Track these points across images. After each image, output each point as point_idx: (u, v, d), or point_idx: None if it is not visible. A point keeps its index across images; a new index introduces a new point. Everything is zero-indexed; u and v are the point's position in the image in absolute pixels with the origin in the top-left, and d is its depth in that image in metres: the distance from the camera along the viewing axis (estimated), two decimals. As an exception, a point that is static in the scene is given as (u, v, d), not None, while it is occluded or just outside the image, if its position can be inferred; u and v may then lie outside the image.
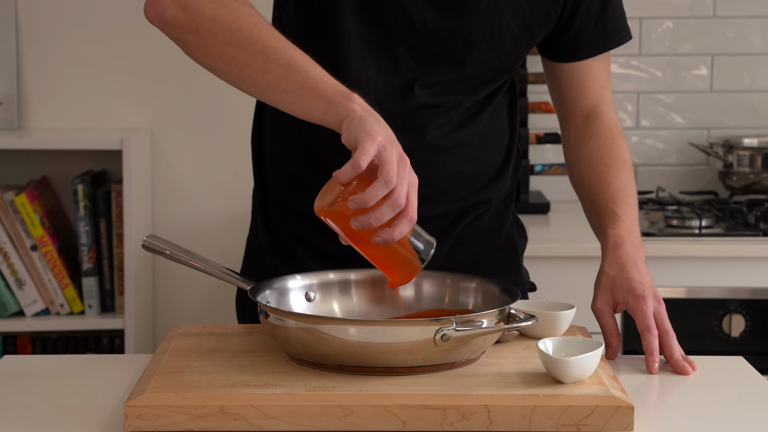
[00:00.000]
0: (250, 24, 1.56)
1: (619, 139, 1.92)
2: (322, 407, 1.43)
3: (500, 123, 1.92)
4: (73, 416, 1.51)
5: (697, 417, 1.53)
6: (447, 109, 1.83)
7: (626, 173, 1.89)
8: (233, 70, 1.59)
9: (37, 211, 3.09)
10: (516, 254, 1.99)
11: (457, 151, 1.85)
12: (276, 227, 1.93)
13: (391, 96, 1.80)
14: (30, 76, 3.31)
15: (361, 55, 1.79)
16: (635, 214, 1.86)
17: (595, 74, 1.92)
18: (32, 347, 3.17)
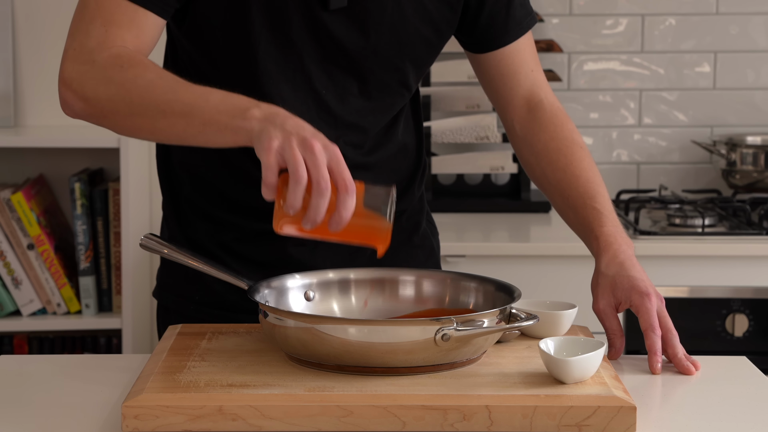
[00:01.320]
0: (139, 89, 1.61)
1: (568, 124, 1.92)
2: (322, 408, 1.43)
3: (410, 128, 1.94)
4: (71, 417, 1.51)
5: (700, 417, 1.53)
6: (366, 126, 1.84)
7: (588, 160, 1.89)
8: (148, 135, 1.65)
9: (34, 210, 3.09)
10: (433, 250, 2.02)
11: (380, 167, 1.87)
12: (197, 236, 1.89)
13: (308, 117, 1.78)
14: (26, 73, 3.31)
15: (274, 77, 1.77)
16: (611, 206, 1.86)
17: (521, 59, 1.92)
18: (29, 347, 3.17)
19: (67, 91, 1.69)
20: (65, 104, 1.71)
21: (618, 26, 3.42)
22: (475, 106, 3.26)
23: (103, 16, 1.69)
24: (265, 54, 1.76)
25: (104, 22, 1.69)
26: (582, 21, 3.41)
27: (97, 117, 1.68)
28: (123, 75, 1.63)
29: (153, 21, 1.71)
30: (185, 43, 1.81)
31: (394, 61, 1.81)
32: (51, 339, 3.18)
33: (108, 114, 1.66)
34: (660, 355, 1.70)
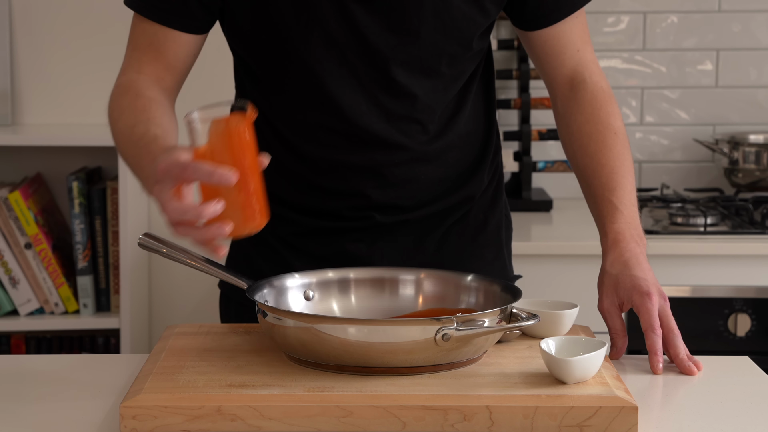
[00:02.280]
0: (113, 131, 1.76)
1: (607, 106, 1.89)
2: (321, 408, 1.43)
3: (478, 118, 1.92)
4: (68, 417, 1.51)
5: (702, 418, 1.53)
6: (423, 116, 1.83)
7: (619, 147, 1.86)
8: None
9: (31, 209, 3.09)
10: (501, 250, 1.98)
11: (439, 158, 1.86)
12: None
13: (360, 113, 1.80)
14: (24, 70, 3.31)
15: (320, 72, 1.78)
16: (633, 199, 1.83)
17: (568, 38, 1.89)
18: (26, 347, 3.17)
19: None
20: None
21: (620, 24, 3.42)
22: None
23: (134, 40, 1.83)
24: (306, 53, 1.78)
25: (133, 48, 1.83)
26: (583, 18, 3.41)
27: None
28: (109, 108, 1.78)
29: (175, 37, 1.79)
30: (239, 53, 1.87)
31: (440, 45, 1.80)
32: (48, 339, 3.18)
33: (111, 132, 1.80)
34: (660, 356, 1.70)
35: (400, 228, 1.88)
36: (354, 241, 1.86)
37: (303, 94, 1.81)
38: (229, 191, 1.44)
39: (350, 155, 1.82)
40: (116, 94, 1.79)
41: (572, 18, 1.88)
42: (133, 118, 1.71)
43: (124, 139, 1.72)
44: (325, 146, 1.83)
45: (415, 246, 1.89)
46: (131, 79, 1.79)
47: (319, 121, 1.82)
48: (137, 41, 1.82)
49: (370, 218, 1.85)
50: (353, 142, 1.82)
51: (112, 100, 1.79)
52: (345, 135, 1.82)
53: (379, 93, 1.80)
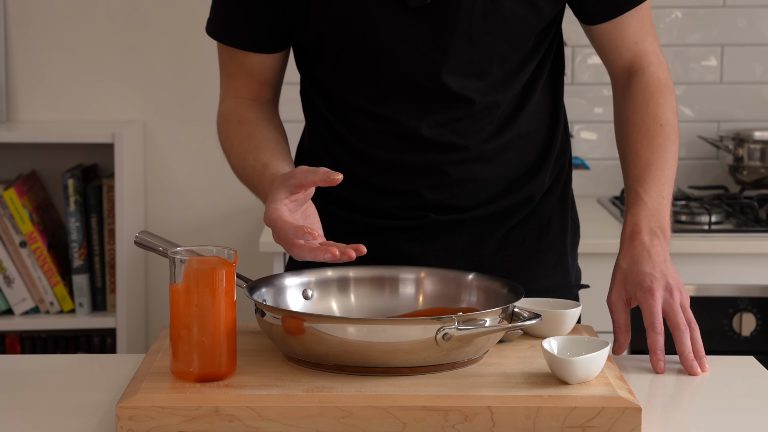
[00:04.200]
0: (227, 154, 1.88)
1: (659, 97, 1.87)
2: (320, 408, 1.43)
3: (541, 117, 1.90)
4: (64, 418, 1.51)
5: (706, 418, 1.53)
6: (478, 117, 1.83)
7: (661, 139, 1.84)
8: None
9: (26, 207, 3.09)
10: (564, 255, 1.96)
11: (498, 158, 1.86)
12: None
13: (412, 116, 1.81)
14: (19, 67, 3.31)
15: (374, 87, 1.81)
16: (663, 191, 1.81)
17: (626, 33, 1.88)
18: (21, 347, 3.17)
19: None
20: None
21: (623, 19, 3.42)
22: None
23: (225, 68, 1.91)
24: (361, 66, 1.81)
25: (226, 74, 1.91)
26: (586, 14, 3.41)
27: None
28: (220, 139, 1.90)
29: (259, 60, 1.87)
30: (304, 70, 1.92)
31: (490, 47, 1.80)
32: (44, 338, 3.18)
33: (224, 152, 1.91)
34: (660, 354, 1.70)
35: (456, 228, 1.87)
36: (409, 241, 1.86)
37: (352, 103, 1.84)
38: (197, 333, 1.50)
39: (404, 155, 1.83)
40: (221, 124, 1.90)
41: (632, 12, 1.87)
42: (242, 149, 1.83)
43: (240, 172, 1.85)
44: (379, 147, 1.84)
45: (472, 247, 1.88)
46: (230, 106, 1.89)
47: (371, 124, 1.84)
48: (228, 68, 1.90)
49: (425, 217, 1.85)
50: (406, 143, 1.83)
51: (220, 132, 1.90)
52: (398, 137, 1.83)
53: (433, 98, 1.81)
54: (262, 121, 1.86)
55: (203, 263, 1.50)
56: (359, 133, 1.85)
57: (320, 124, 1.91)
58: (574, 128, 3.43)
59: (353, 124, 1.85)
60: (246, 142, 1.83)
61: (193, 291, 1.49)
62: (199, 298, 1.49)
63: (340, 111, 1.86)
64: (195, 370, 1.50)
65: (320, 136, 1.91)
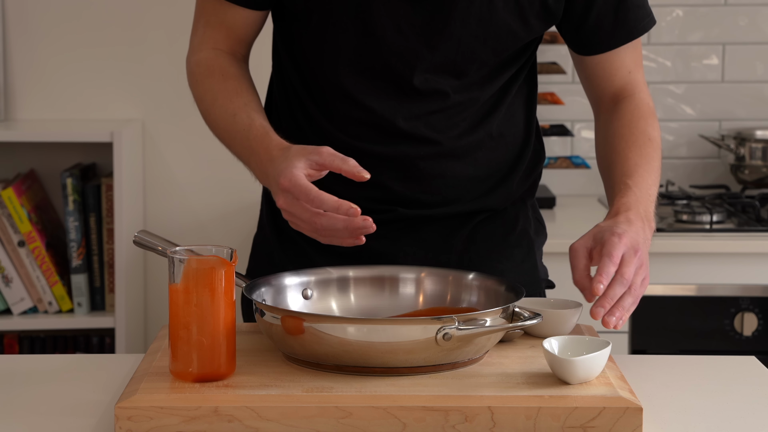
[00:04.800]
0: (205, 107, 1.87)
1: (648, 118, 1.86)
2: (320, 409, 1.43)
3: (515, 120, 1.91)
4: (62, 418, 1.51)
5: (707, 419, 1.53)
6: (452, 113, 1.84)
7: (650, 150, 1.83)
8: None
9: (25, 206, 3.09)
10: (532, 250, 1.97)
11: (468, 156, 1.86)
12: (282, 222, 1.93)
13: (388, 106, 1.82)
14: (17, 65, 3.31)
15: (354, 68, 1.82)
16: (650, 190, 1.78)
17: (621, 62, 1.88)
18: (19, 347, 3.17)
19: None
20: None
21: (624, 17, 3.42)
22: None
23: (205, 17, 1.90)
24: (348, 44, 1.80)
25: (205, 23, 1.90)
26: (587, 12, 3.41)
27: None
28: (196, 89, 1.88)
29: (243, 15, 1.87)
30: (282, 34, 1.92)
31: (476, 52, 1.81)
32: (42, 338, 3.18)
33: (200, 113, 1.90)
34: (605, 280, 1.59)
35: (424, 224, 1.88)
36: (378, 238, 1.85)
37: (331, 83, 1.84)
38: (196, 333, 1.50)
39: (375, 146, 1.83)
40: (201, 74, 1.87)
41: (627, 45, 1.87)
42: (229, 103, 1.82)
43: (225, 126, 1.82)
44: (352, 135, 1.84)
45: (441, 244, 1.89)
46: (209, 56, 1.88)
47: (346, 109, 1.84)
48: (208, 18, 1.89)
49: (393, 211, 1.85)
50: (380, 133, 1.83)
51: (198, 81, 1.87)
52: (371, 126, 1.83)
53: (409, 90, 1.82)
54: (245, 79, 1.86)
55: (202, 263, 1.50)
56: (334, 118, 1.85)
57: (294, 105, 1.90)
58: (574, 127, 3.43)
59: (328, 107, 1.86)
60: (234, 97, 1.82)
61: (192, 291, 1.49)
62: (198, 298, 1.49)
63: (317, 92, 1.86)
64: (194, 370, 1.50)
65: (293, 116, 1.90)
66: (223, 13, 1.87)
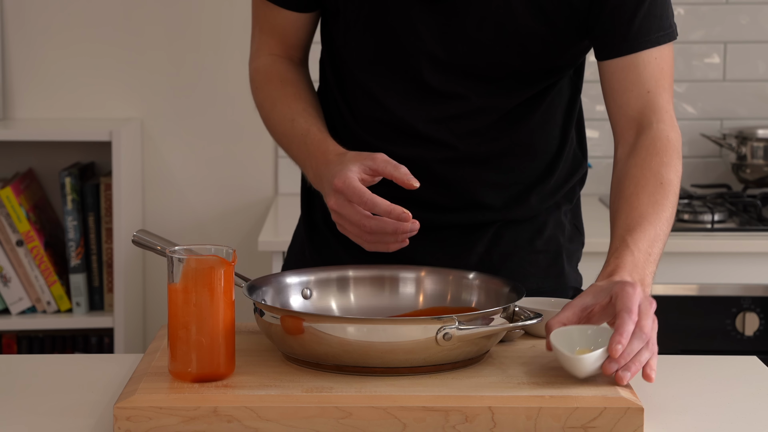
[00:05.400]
0: (264, 113, 1.90)
1: (663, 156, 1.74)
2: (320, 409, 1.43)
3: (549, 130, 1.88)
4: (61, 419, 1.51)
5: (709, 419, 1.53)
6: (474, 118, 1.83)
7: (659, 197, 1.71)
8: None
9: (23, 205, 3.09)
10: (560, 257, 1.92)
11: (489, 163, 1.85)
12: (314, 216, 1.95)
13: (407, 108, 1.82)
14: (15, 64, 3.31)
15: (375, 68, 1.83)
16: (652, 249, 1.66)
17: (637, 76, 1.77)
18: (18, 347, 3.17)
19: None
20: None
21: (625, 16, 3.42)
22: None
23: (259, 23, 1.93)
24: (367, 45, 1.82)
25: (260, 29, 1.94)
26: (588, 10, 3.41)
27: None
28: (257, 95, 1.92)
29: (291, 19, 1.89)
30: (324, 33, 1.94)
31: (499, 56, 1.78)
32: (41, 338, 3.18)
33: (261, 117, 1.92)
34: (625, 340, 1.49)
35: (444, 227, 1.87)
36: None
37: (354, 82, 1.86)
38: (195, 333, 1.50)
39: (394, 146, 1.83)
40: (260, 81, 1.91)
41: (649, 54, 1.77)
42: (288, 109, 1.85)
43: (284, 130, 1.84)
44: (374, 135, 1.85)
45: (462, 246, 1.88)
46: (266, 63, 1.91)
47: (370, 112, 1.85)
48: (261, 24, 1.92)
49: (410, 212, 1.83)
50: (398, 134, 1.84)
51: (258, 87, 1.91)
52: (390, 126, 1.84)
53: (428, 92, 1.81)
54: (303, 84, 1.90)
55: (201, 262, 1.50)
56: (358, 116, 1.87)
57: (330, 103, 1.93)
58: (575, 126, 3.43)
59: (356, 105, 1.87)
60: (293, 103, 1.85)
61: (191, 290, 1.49)
62: (198, 298, 1.49)
63: (346, 90, 1.88)
64: (193, 370, 1.50)
65: (328, 109, 1.93)
66: (273, 18, 1.90)
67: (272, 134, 1.89)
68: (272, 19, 1.90)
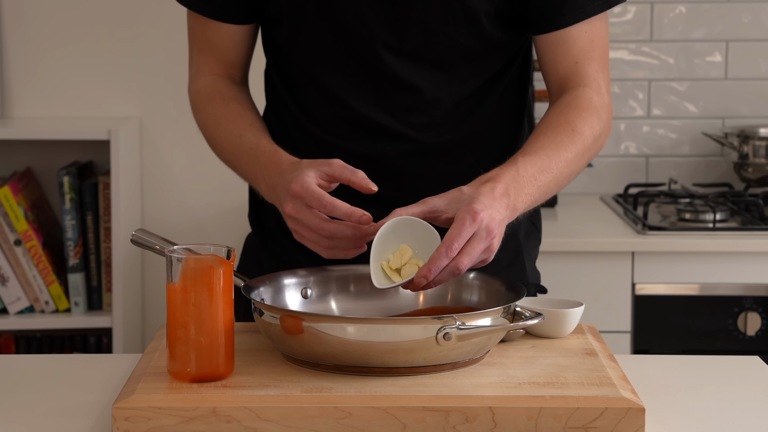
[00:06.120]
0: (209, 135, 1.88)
1: (582, 111, 1.77)
2: (319, 409, 1.43)
3: (504, 120, 1.89)
4: (59, 419, 1.51)
5: (710, 419, 1.53)
6: (431, 109, 1.83)
7: (566, 138, 1.73)
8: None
9: (21, 205, 3.09)
10: (520, 254, 1.95)
11: (450, 155, 1.85)
12: (267, 223, 1.94)
13: (364, 102, 1.82)
14: (13, 62, 3.31)
15: (328, 64, 1.82)
16: (540, 177, 1.68)
17: (567, 49, 1.81)
18: (15, 347, 3.17)
19: None
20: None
21: (626, 14, 3.42)
22: None
23: (196, 44, 1.91)
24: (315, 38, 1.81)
25: (198, 50, 1.91)
26: (589, 9, 3.41)
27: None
28: (199, 117, 1.90)
29: (231, 33, 1.88)
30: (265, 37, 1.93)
31: (451, 36, 1.79)
32: (39, 338, 3.18)
33: (206, 140, 1.91)
34: (433, 273, 1.52)
35: None
36: None
37: (308, 81, 1.85)
38: (194, 333, 1.50)
39: (354, 143, 1.82)
40: (202, 102, 1.89)
41: (579, 28, 1.80)
42: (234, 126, 1.82)
43: (232, 148, 1.82)
44: (331, 133, 1.84)
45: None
46: (207, 83, 1.90)
47: (326, 109, 1.84)
48: (199, 43, 1.91)
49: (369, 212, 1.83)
50: (358, 130, 1.83)
51: (200, 108, 1.89)
52: (350, 122, 1.83)
53: (384, 84, 1.81)
54: (246, 101, 1.88)
55: (200, 262, 1.50)
56: (314, 116, 1.86)
57: (282, 111, 1.91)
58: (576, 125, 3.43)
59: (309, 106, 1.86)
60: (239, 120, 1.83)
61: (190, 290, 1.50)
62: (197, 297, 1.49)
63: (300, 94, 1.87)
64: (192, 370, 1.50)
65: (281, 121, 1.91)
66: (210, 36, 1.88)
67: (219, 153, 1.86)
68: (210, 36, 1.88)
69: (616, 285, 2.85)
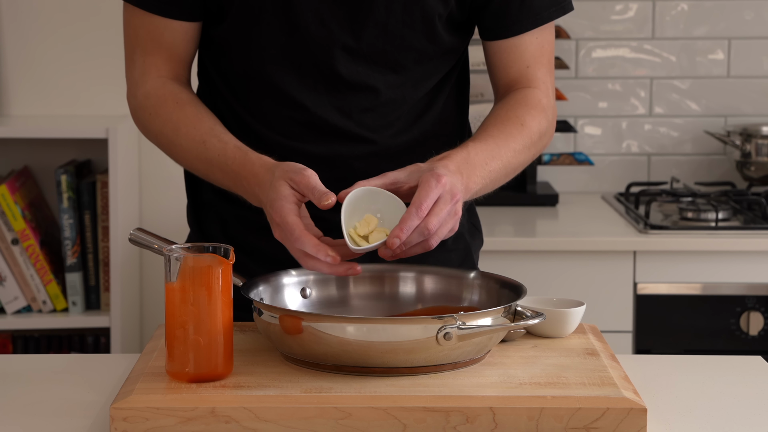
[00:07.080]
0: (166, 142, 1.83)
1: (531, 109, 1.82)
2: (319, 409, 1.43)
3: (449, 122, 1.91)
4: (57, 419, 1.51)
5: (712, 419, 1.53)
6: (386, 111, 1.83)
7: (515, 130, 1.78)
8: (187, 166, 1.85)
9: (18, 203, 3.09)
10: (470, 254, 1.97)
11: (403, 156, 1.83)
12: (211, 232, 1.93)
13: (318, 104, 1.81)
14: (11, 60, 3.31)
15: (283, 64, 1.81)
16: (490, 164, 1.72)
17: (519, 54, 1.85)
18: (13, 346, 3.17)
19: (133, 121, 1.91)
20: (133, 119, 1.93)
21: (628, 11, 3.42)
22: (479, 95, 3.26)
23: (141, 45, 1.87)
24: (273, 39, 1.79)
25: (141, 52, 1.87)
26: (590, 6, 3.41)
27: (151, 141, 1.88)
28: (153, 122, 1.84)
29: (182, 30, 1.84)
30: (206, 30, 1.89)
31: (407, 39, 1.80)
32: (36, 338, 3.18)
33: (157, 145, 1.86)
34: (405, 233, 1.55)
35: None
36: None
37: (259, 83, 1.83)
38: (193, 333, 1.50)
39: (309, 145, 1.82)
40: (153, 106, 1.84)
41: (531, 34, 1.84)
42: (194, 131, 1.78)
43: (197, 155, 1.78)
44: (284, 134, 1.83)
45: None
46: (156, 86, 1.85)
47: (279, 110, 1.83)
48: (144, 45, 1.86)
49: (322, 218, 1.74)
50: (313, 132, 1.82)
51: (152, 114, 1.84)
52: (304, 124, 1.82)
53: (339, 85, 1.81)
54: (199, 103, 1.83)
55: (199, 261, 1.50)
56: (264, 117, 1.84)
57: (223, 112, 1.87)
58: (577, 123, 3.43)
59: (257, 107, 1.84)
60: (198, 124, 1.79)
61: (188, 289, 1.50)
62: (195, 297, 1.49)
63: (243, 94, 1.85)
64: (191, 371, 1.50)
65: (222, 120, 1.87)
66: (159, 35, 1.85)
67: (181, 160, 1.82)
68: (158, 36, 1.85)
69: (617, 284, 2.85)
